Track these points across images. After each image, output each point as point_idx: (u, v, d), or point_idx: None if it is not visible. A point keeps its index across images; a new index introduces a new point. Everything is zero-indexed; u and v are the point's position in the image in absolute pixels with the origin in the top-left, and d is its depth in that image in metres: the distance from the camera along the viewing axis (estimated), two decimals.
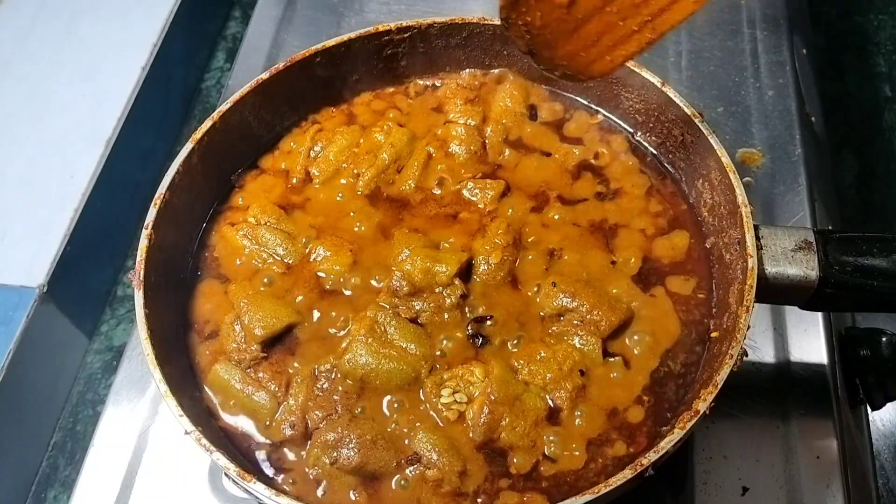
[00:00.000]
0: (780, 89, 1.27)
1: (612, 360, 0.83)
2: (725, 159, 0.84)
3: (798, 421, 0.96)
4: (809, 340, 1.01)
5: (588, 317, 0.83)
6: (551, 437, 0.79)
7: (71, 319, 1.15)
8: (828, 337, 1.02)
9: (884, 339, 1.03)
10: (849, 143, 1.51)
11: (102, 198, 1.19)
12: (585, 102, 1.03)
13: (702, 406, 0.71)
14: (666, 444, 0.70)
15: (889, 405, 1.07)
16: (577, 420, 0.80)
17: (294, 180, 0.98)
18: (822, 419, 0.96)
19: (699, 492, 0.92)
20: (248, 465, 0.79)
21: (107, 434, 1.01)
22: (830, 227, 1.17)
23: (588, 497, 0.68)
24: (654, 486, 0.90)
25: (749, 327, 0.75)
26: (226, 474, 0.94)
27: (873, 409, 1.08)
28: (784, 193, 1.15)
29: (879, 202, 1.44)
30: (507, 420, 0.78)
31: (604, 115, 1.02)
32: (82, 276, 1.17)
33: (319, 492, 0.77)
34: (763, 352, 1.01)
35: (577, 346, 0.83)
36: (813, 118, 1.29)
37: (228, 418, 0.83)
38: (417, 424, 0.79)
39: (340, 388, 0.81)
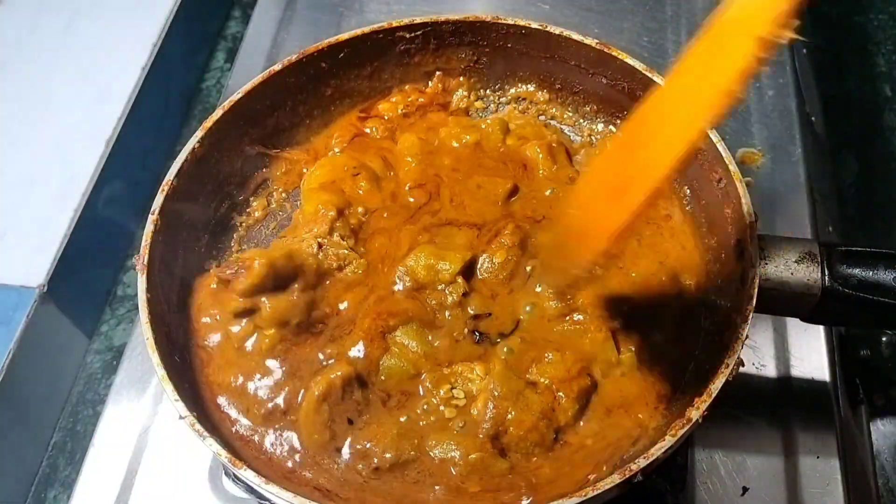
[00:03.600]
0: (780, 89, 1.27)
1: (622, 356, 0.84)
2: (733, 167, 0.84)
3: (798, 421, 0.96)
4: (810, 340, 1.01)
5: (591, 311, 0.83)
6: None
7: (71, 319, 1.15)
8: (828, 337, 1.02)
9: (884, 339, 1.03)
10: (849, 143, 1.51)
11: (102, 198, 1.19)
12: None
13: (694, 414, 0.71)
14: (656, 451, 0.69)
15: (889, 405, 1.07)
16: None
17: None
18: (821, 419, 0.96)
19: (699, 492, 0.92)
20: (240, 451, 0.79)
21: (107, 434, 1.01)
22: (836, 240, 1.17)
23: (576, 500, 0.67)
24: (655, 486, 0.90)
25: (747, 337, 0.75)
26: (224, 473, 0.94)
27: (873, 409, 1.08)
28: (784, 193, 1.15)
29: (879, 202, 1.44)
30: (513, 414, 0.78)
31: None
32: (82, 276, 1.17)
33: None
34: (763, 351, 1.01)
35: (587, 344, 0.83)
36: (813, 118, 1.29)
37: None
38: (422, 424, 0.79)
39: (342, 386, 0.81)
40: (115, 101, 1.27)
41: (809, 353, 1.01)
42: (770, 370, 1.00)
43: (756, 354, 1.01)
